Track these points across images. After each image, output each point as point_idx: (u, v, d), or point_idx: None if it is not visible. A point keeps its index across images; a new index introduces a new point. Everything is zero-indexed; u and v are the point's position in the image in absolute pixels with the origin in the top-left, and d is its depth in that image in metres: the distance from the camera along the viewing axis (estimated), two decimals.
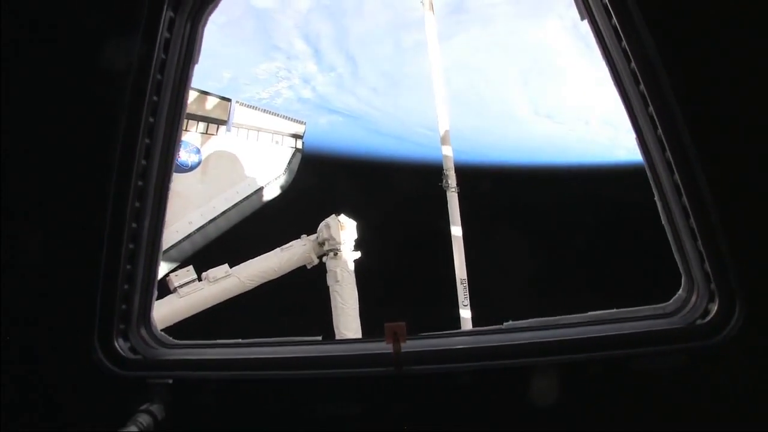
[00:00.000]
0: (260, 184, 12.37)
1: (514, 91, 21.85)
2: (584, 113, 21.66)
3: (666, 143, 2.34)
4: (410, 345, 2.53)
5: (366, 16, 19.38)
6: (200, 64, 2.95)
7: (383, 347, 2.55)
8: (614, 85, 2.60)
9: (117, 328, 2.75)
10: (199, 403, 2.64)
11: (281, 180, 12.59)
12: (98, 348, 2.69)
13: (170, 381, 2.59)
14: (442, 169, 11.90)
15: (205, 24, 2.88)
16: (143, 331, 2.89)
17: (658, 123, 2.32)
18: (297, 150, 12.76)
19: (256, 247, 10.88)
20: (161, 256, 2.97)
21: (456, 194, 11.57)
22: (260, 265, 10.49)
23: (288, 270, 10.60)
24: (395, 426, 2.55)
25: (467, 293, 11.16)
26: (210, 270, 10.04)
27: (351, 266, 10.57)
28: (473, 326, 10.03)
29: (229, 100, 11.38)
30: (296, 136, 12.81)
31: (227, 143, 11.71)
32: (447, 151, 11.76)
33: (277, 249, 10.69)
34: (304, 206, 13.08)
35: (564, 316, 2.71)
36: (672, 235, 2.60)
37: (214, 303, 9.83)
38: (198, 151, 11.14)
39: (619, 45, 2.43)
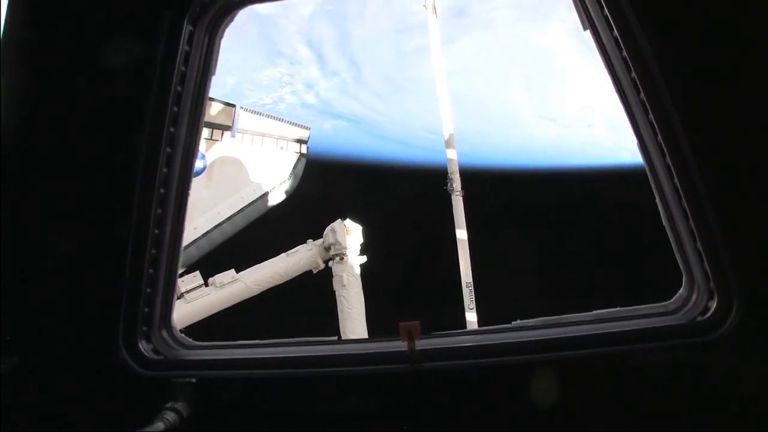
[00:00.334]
0: (265, 190, 12.50)
1: (517, 95, 21.99)
2: (587, 116, 21.77)
3: (666, 149, 2.47)
4: (423, 343, 2.67)
5: (368, 21, 19.57)
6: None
7: (397, 346, 2.68)
8: (616, 93, 2.73)
9: (140, 330, 2.89)
10: (222, 401, 2.78)
11: (286, 185, 12.72)
12: (123, 349, 2.83)
13: (194, 380, 2.73)
14: (447, 173, 12.04)
15: (222, 36, 3.02)
16: (164, 333, 3.04)
17: (658, 130, 2.45)
18: (302, 155, 12.89)
19: (262, 252, 11.01)
20: (180, 261, 3.11)
21: (461, 198, 11.71)
22: (266, 270, 10.63)
23: (294, 275, 10.73)
24: (410, 421, 2.68)
25: (473, 296, 11.28)
26: (216, 275, 10.18)
27: (357, 270, 10.69)
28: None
29: (234, 106, 11.47)
30: (301, 141, 12.94)
31: (232, 149, 11.80)
32: (451, 155, 11.87)
33: (283, 254, 10.82)
34: (309, 211, 13.22)
35: (569, 315, 2.84)
36: (673, 236, 2.73)
37: (221, 308, 9.96)
38: (203, 157, 11.27)
39: (620, 55, 2.55)
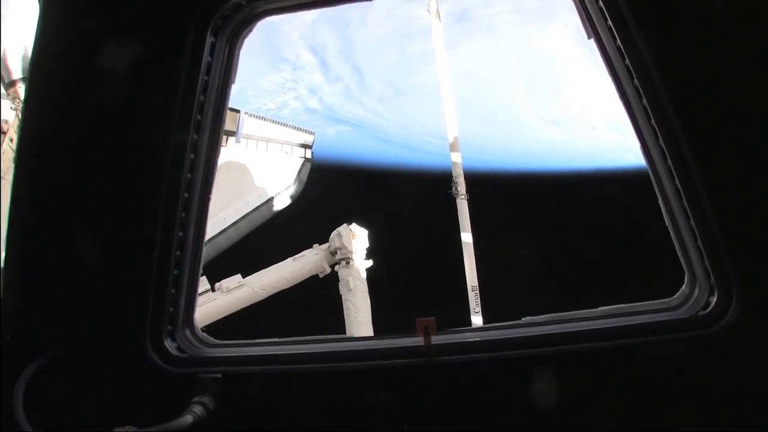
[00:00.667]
0: (270, 195, 12.70)
1: (520, 98, 22.22)
2: (590, 118, 21.96)
3: (667, 152, 2.63)
4: (438, 339, 2.83)
5: (371, 27, 19.83)
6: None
7: (414, 341, 2.84)
8: (620, 99, 2.89)
9: (165, 329, 3.05)
10: (246, 396, 2.94)
11: (291, 190, 12.93)
12: (150, 347, 2.99)
13: (219, 375, 2.89)
14: (451, 177, 12.21)
15: (241, 46, 3.19)
16: (188, 332, 3.20)
17: (659, 134, 2.61)
18: (306, 160, 13.11)
19: (268, 257, 11.19)
20: (202, 262, 3.27)
21: (466, 201, 11.89)
22: (273, 275, 10.81)
23: (300, 279, 10.91)
24: (427, 413, 2.85)
25: (478, 300, 11.44)
26: (223, 280, 10.36)
27: (363, 275, 10.87)
28: None
29: (238, 111, 11.65)
30: (305, 146, 13.15)
31: (237, 154, 11.98)
32: (456, 158, 12.07)
33: (290, 259, 11.01)
34: (315, 216, 13.40)
35: (576, 311, 3.00)
36: (675, 235, 2.88)
37: (228, 313, 10.13)
38: None
39: (623, 63, 2.71)
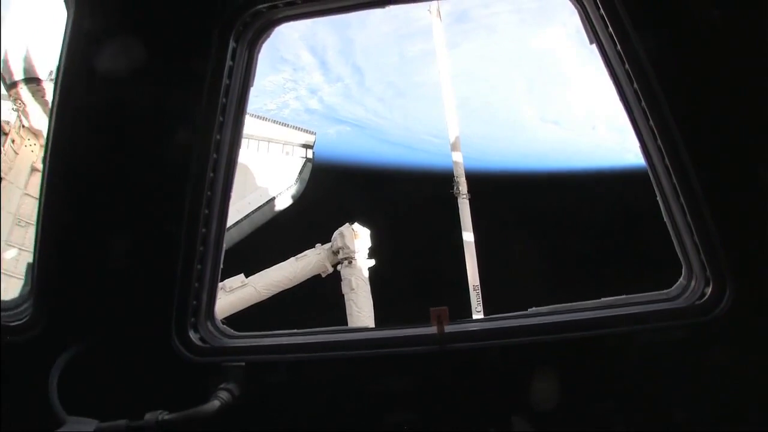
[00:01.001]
0: (272, 195, 12.90)
1: (520, 99, 22.47)
2: (590, 118, 22.21)
3: (664, 152, 2.84)
4: (451, 327, 3.05)
5: (371, 27, 20.05)
6: None
7: (427, 330, 3.06)
8: (620, 101, 3.10)
9: (189, 321, 3.26)
10: (269, 383, 3.14)
11: (293, 190, 13.13)
12: (175, 338, 3.19)
13: (243, 363, 3.10)
14: (453, 177, 12.43)
15: (260, 51, 3.39)
16: (209, 324, 3.40)
17: (657, 134, 2.83)
18: (308, 160, 13.31)
19: (270, 257, 11.40)
20: (222, 257, 3.47)
21: (467, 201, 12.11)
22: (276, 275, 11.03)
23: (303, 279, 11.13)
24: (440, 397, 3.06)
25: (480, 299, 11.65)
26: (226, 280, 10.54)
27: (365, 274, 11.09)
28: None
29: None
30: (307, 146, 13.35)
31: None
32: (457, 158, 12.29)
33: (292, 258, 11.23)
34: (316, 215, 13.60)
35: (580, 302, 3.22)
36: (672, 231, 3.10)
37: (231, 312, 10.31)
38: None
39: (623, 68, 2.92)
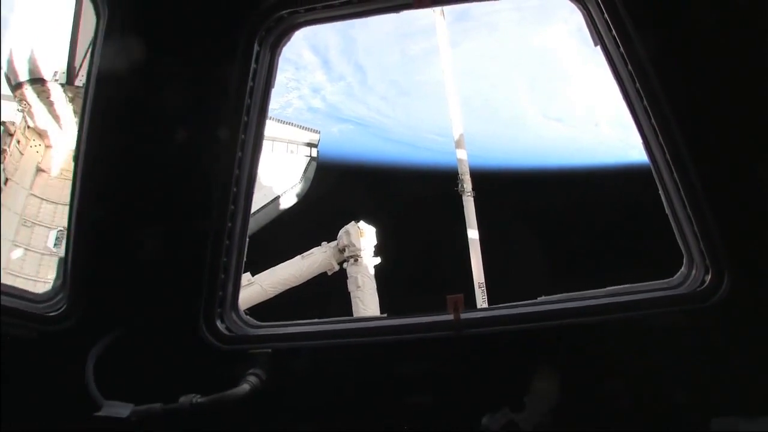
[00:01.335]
0: (276, 193, 13.12)
1: (523, 96, 22.69)
2: (593, 115, 22.41)
3: (665, 148, 3.07)
4: (466, 314, 3.27)
5: (372, 26, 20.28)
6: None
7: (443, 317, 3.28)
8: (623, 100, 3.32)
9: (216, 311, 3.48)
10: (293, 367, 3.37)
11: (297, 188, 13.37)
12: (204, 328, 3.42)
13: (269, 350, 3.32)
14: (456, 174, 12.65)
15: (281, 54, 3.61)
16: (233, 314, 3.62)
17: (659, 132, 3.05)
18: (312, 158, 13.54)
19: (276, 255, 11.60)
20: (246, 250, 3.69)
21: (472, 198, 12.32)
22: (282, 273, 11.24)
23: (309, 277, 11.36)
24: (456, 380, 3.30)
25: (485, 296, 11.87)
26: None
27: (371, 271, 11.30)
28: None
29: None
30: (311, 145, 13.58)
31: None
32: (462, 155, 12.50)
33: (298, 257, 11.45)
34: (321, 214, 13.80)
35: (587, 291, 3.44)
36: (674, 222, 3.33)
37: None
38: None
39: (626, 68, 3.14)
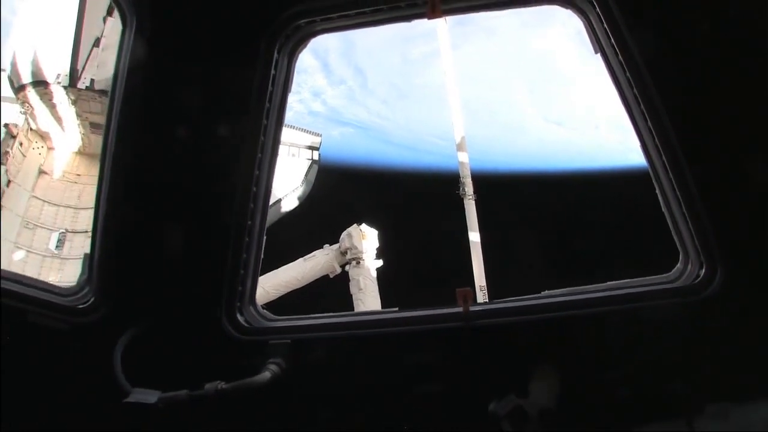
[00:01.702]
0: (278, 196, 13.32)
1: (523, 99, 22.98)
2: (593, 118, 22.69)
3: (662, 149, 3.31)
4: (474, 308, 3.51)
5: (373, 30, 20.50)
6: None
7: (453, 310, 3.52)
8: (622, 104, 3.57)
9: (236, 305, 3.71)
10: (310, 357, 3.60)
11: (299, 191, 13.58)
12: (225, 320, 3.65)
13: (288, 341, 3.56)
14: (457, 178, 12.86)
15: (297, 60, 3.84)
16: (251, 308, 3.85)
17: (655, 134, 3.29)
18: (313, 162, 13.76)
19: (278, 258, 11.81)
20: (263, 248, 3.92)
21: (473, 201, 12.54)
22: (284, 275, 11.46)
23: (311, 279, 11.57)
24: (466, 369, 3.54)
25: (487, 299, 12.06)
26: None
27: (373, 274, 11.52)
28: None
29: None
30: (312, 148, 13.80)
31: None
32: (463, 158, 12.71)
33: (300, 259, 11.67)
34: (323, 217, 14.03)
35: (589, 286, 3.69)
36: (670, 220, 3.58)
37: None
38: None
39: (624, 75, 3.38)
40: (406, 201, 18.17)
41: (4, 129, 13.04)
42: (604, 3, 3.18)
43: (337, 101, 21.95)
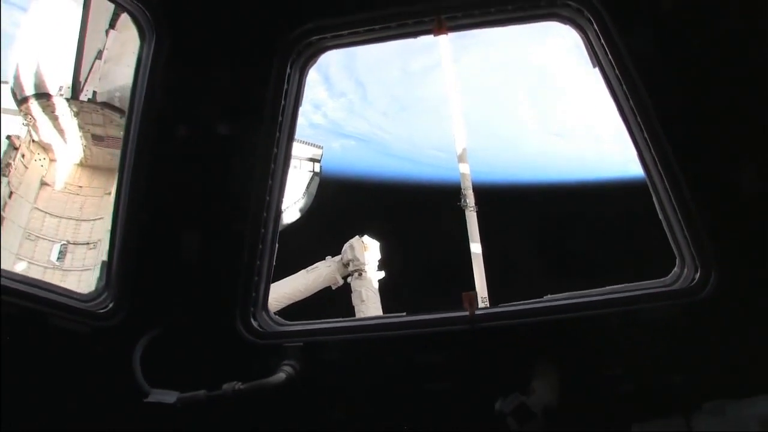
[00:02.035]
0: None
1: (523, 111, 23.23)
2: (593, 130, 22.91)
3: (657, 159, 3.53)
4: (480, 310, 3.72)
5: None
6: None
7: (459, 313, 3.72)
8: (619, 116, 3.78)
9: (250, 310, 3.90)
10: (322, 359, 3.80)
11: (300, 203, 13.75)
12: (240, 324, 3.84)
13: (301, 343, 3.75)
14: (458, 190, 13.04)
15: (308, 74, 4.05)
16: (263, 313, 4.04)
17: (651, 144, 3.51)
18: (315, 174, 13.94)
19: (280, 270, 11.97)
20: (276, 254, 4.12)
21: (475, 213, 12.72)
22: (287, 287, 11.61)
23: (314, 291, 11.71)
24: (472, 368, 3.73)
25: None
26: None
27: (376, 285, 11.67)
28: None
29: None
30: (313, 160, 14.00)
31: None
32: (464, 169, 12.88)
33: (303, 271, 11.83)
34: (324, 229, 14.19)
35: (590, 290, 3.89)
36: (667, 227, 3.78)
37: None
38: None
39: (621, 88, 3.60)
40: (408, 213, 18.35)
41: (7, 141, 13.27)
42: (601, 19, 3.41)
43: (338, 114, 22.26)
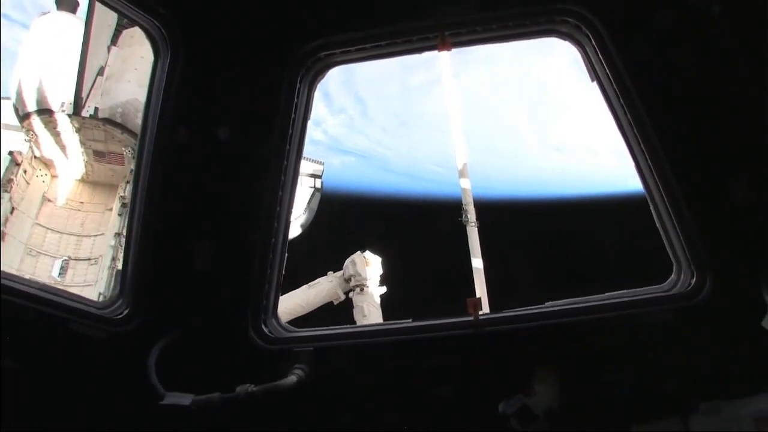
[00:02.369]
0: None
1: (522, 127, 23.58)
2: (592, 145, 23.22)
3: (654, 170, 3.73)
4: (483, 316, 3.90)
5: None
6: None
7: (464, 318, 3.90)
8: (617, 129, 3.99)
9: (261, 317, 4.08)
10: (332, 363, 3.97)
11: (302, 219, 13.93)
12: (252, 331, 4.02)
13: (311, 348, 3.92)
14: (459, 205, 13.23)
15: (316, 89, 4.27)
16: (273, 320, 4.22)
17: (648, 156, 3.72)
18: (316, 190, 14.13)
19: (283, 285, 12.09)
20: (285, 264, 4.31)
21: (476, 228, 12.89)
22: (288, 302, 11.75)
23: (316, 306, 11.84)
24: (476, 371, 3.91)
25: None
26: None
27: (377, 300, 11.81)
28: None
29: None
30: (315, 176, 14.21)
31: None
32: (465, 185, 13.09)
33: (305, 286, 11.98)
34: (326, 244, 14.37)
35: (590, 296, 4.08)
36: (664, 236, 3.98)
37: None
38: None
39: (619, 102, 3.82)
40: (409, 228, 18.54)
41: (9, 156, 13.49)
42: (598, 35, 3.63)
43: (338, 130, 22.64)
